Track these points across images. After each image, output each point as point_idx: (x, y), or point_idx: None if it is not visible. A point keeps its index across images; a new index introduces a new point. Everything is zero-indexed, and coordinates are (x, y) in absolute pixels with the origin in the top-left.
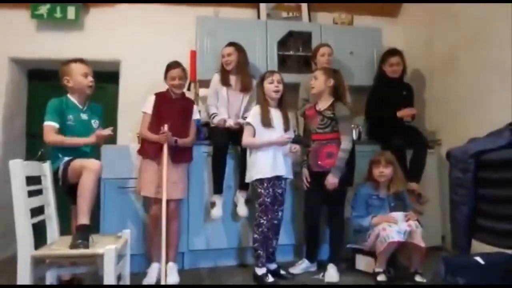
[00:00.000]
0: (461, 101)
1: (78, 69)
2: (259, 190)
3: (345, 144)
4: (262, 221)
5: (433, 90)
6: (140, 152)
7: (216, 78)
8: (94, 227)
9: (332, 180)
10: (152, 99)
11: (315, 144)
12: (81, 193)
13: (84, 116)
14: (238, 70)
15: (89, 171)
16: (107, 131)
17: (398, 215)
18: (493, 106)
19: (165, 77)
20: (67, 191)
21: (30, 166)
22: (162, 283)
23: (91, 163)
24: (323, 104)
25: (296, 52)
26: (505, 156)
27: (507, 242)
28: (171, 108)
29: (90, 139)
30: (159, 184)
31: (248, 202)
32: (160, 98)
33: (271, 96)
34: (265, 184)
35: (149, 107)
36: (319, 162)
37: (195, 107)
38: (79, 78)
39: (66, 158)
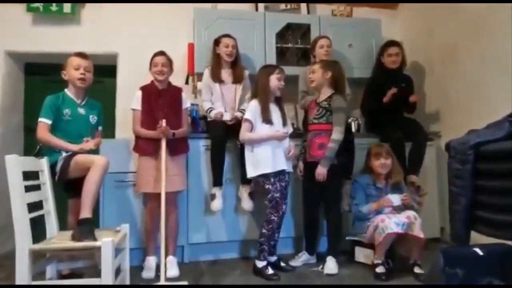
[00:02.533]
0: (461, 93)
1: (71, 62)
2: (267, 186)
3: (335, 135)
4: (273, 217)
5: (433, 82)
6: (136, 149)
7: (207, 73)
8: (93, 221)
9: (320, 171)
10: (139, 94)
11: (310, 134)
12: (87, 188)
13: (81, 111)
14: (232, 63)
15: (97, 167)
16: (90, 145)
17: (394, 196)
18: (493, 98)
19: (150, 67)
20: (64, 186)
21: (27, 161)
22: (162, 276)
23: (99, 159)
24: (323, 96)
25: (295, 45)
26: (504, 148)
27: (506, 234)
28: (161, 99)
29: (74, 147)
30: (158, 178)
31: (251, 195)
32: (147, 91)
33: (275, 91)
34: (272, 180)
35: (137, 103)
36: (311, 152)
37: (183, 94)
38: (71, 70)
39: (64, 153)
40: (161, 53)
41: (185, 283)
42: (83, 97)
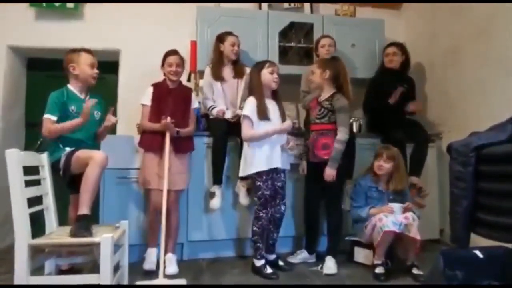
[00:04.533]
0: (463, 95)
1: (86, 59)
2: (258, 183)
3: (341, 135)
4: (261, 214)
5: (435, 83)
6: (141, 144)
7: (208, 71)
8: (93, 217)
9: (329, 172)
10: (150, 90)
11: (312, 134)
12: (85, 184)
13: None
14: (233, 61)
15: (95, 163)
16: (91, 102)
17: (396, 206)
18: (495, 100)
19: (162, 64)
20: (68, 182)
21: (28, 156)
22: (161, 274)
23: (97, 155)
24: (324, 95)
25: (298, 44)
26: (506, 150)
27: (507, 237)
28: (170, 98)
29: (77, 120)
30: (161, 175)
31: (249, 191)
32: (158, 88)
33: (270, 86)
34: (264, 177)
35: (147, 99)
36: (315, 152)
37: (193, 95)
38: (85, 67)
39: (68, 149)
40: (175, 52)
41: (183, 280)
42: (86, 93)
